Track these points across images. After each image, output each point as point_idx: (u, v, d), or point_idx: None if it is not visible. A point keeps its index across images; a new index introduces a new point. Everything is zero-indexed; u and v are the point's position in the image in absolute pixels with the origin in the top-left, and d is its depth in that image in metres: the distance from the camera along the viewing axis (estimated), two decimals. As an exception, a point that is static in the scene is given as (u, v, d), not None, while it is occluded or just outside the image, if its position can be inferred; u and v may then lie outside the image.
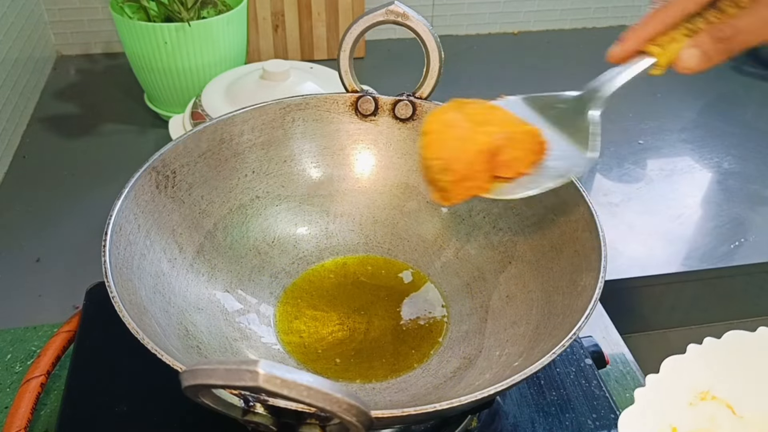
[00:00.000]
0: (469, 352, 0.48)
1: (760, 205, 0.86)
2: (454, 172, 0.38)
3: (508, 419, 0.48)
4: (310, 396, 0.25)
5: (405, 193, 0.58)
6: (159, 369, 0.34)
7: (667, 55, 0.39)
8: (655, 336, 0.85)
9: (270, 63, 0.78)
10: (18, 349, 0.58)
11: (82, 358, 0.51)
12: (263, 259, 0.54)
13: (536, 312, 0.47)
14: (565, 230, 0.48)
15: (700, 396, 0.40)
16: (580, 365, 0.52)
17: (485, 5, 1.23)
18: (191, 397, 0.29)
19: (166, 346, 0.37)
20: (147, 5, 0.86)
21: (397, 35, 1.22)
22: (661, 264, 0.77)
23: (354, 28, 0.52)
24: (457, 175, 0.38)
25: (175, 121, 0.79)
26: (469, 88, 1.08)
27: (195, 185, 0.51)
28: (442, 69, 0.53)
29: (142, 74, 0.91)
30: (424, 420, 0.45)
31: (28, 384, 0.50)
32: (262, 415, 0.33)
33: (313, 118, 0.56)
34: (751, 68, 1.17)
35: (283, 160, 0.56)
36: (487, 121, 0.40)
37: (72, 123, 0.96)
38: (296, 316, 0.51)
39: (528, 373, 0.35)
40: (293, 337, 0.50)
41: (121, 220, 0.44)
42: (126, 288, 0.40)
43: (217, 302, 0.49)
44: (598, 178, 0.90)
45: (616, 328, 0.63)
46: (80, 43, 1.12)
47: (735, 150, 0.97)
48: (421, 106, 0.55)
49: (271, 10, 1.07)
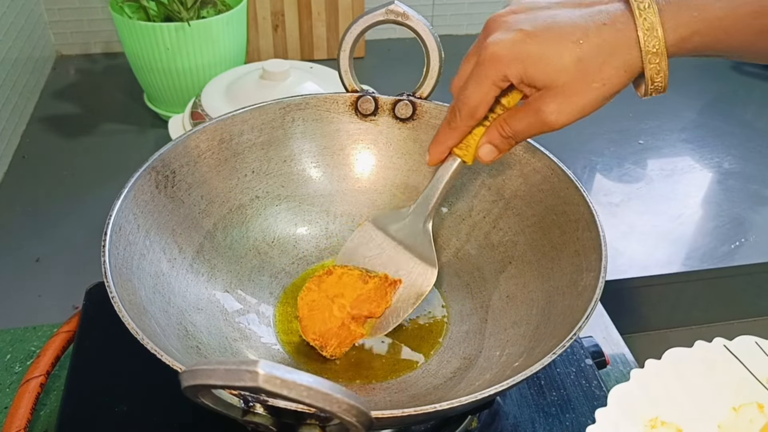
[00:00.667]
0: (470, 353, 0.48)
1: (761, 205, 0.86)
2: (331, 343, 0.48)
3: (508, 419, 0.48)
4: (310, 396, 0.25)
5: (405, 193, 0.58)
6: (158, 369, 0.34)
7: (470, 153, 0.45)
8: (655, 336, 0.85)
9: (270, 63, 0.78)
10: (18, 350, 0.58)
11: (81, 358, 0.51)
12: (263, 259, 0.54)
13: (536, 312, 0.46)
14: (565, 230, 0.48)
15: (650, 424, 0.40)
16: (581, 365, 0.52)
17: (485, 5, 1.23)
18: (191, 398, 0.29)
19: (166, 347, 0.37)
20: (147, 5, 0.86)
21: (397, 35, 1.22)
22: (662, 264, 0.77)
23: (354, 27, 0.52)
24: (333, 342, 0.48)
25: (175, 121, 0.79)
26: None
27: (195, 185, 0.51)
28: (442, 69, 0.53)
29: (142, 74, 0.91)
30: (424, 420, 0.44)
31: (28, 384, 0.50)
32: (262, 415, 0.33)
33: (313, 118, 0.56)
34: (751, 68, 1.17)
35: (283, 160, 0.56)
36: (339, 294, 0.49)
37: (72, 123, 0.96)
38: (296, 316, 0.50)
39: (528, 373, 0.35)
40: (293, 337, 0.50)
41: (121, 220, 0.43)
42: (126, 288, 0.40)
43: (216, 302, 0.49)
44: (598, 178, 0.90)
45: (617, 328, 0.63)
46: (80, 43, 1.12)
47: (735, 150, 0.97)
48: (421, 105, 0.55)
49: (271, 10, 1.07)
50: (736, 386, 0.42)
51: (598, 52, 0.37)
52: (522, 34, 0.37)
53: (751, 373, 0.43)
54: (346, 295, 0.49)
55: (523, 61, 0.37)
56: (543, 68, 0.37)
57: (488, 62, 0.38)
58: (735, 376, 0.43)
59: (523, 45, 0.37)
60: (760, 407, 0.42)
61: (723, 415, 0.42)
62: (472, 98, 0.41)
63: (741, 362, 0.43)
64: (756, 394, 0.42)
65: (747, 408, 0.42)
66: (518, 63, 0.38)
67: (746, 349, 0.43)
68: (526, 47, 0.37)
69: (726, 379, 0.42)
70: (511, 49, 0.38)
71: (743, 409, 0.42)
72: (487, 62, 0.39)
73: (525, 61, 0.37)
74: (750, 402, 0.42)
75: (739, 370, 0.43)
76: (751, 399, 0.42)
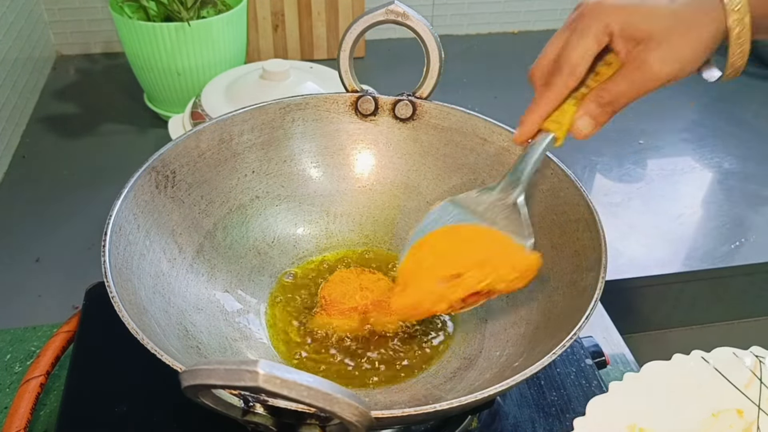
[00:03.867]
0: (470, 353, 0.48)
1: (761, 205, 0.86)
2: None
3: (508, 419, 0.48)
4: (310, 396, 0.25)
5: (405, 193, 0.58)
6: (159, 369, 0.34)
7: (563, 128, 0.43)
8: (655, 336, 0.85)
9: (270, 63, 0.78)
10: (17, 350, 0.58)
11: (81, 358, 0.51)
12: (263, 259, 0.54)
13: (536, 312, 0.46)
14: (565, 230, 0.48)
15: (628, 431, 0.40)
16: (581, 365, 0.52)
17: (485, 5, 1.23)
18: (191, 397, 0.29)
19: (166, 347, 0.37)
20: (147, 5, 0.86)
21: (397, 35, 1.22)
22: (662, 264, 0.77)
23: (354, 27, 0.52)
24: None
25: (175, 121, 0.79)
26: (469, 88, 1.08)
27: (195, 185, 0.51)
28: (442, 69, 0.53)
29: (142, 74, 0.91)
30: (424, 420, 0.44)
31: (28, 384, 0.50)
32: (262, 415, 0.33)
33: (313, 118, 0.56)
34: (751, 68, 1.17)
35: (283, 160, 0.56)
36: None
37: (72, 123, 0.96)
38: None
39: (528, 373, 0.35)
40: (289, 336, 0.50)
41: (121, 220, 0.43)
42: (126, 288, 0.40)
43: (216, 302, 0.49)
44: (598, 178, 0.90)
45: (617, 328, 0.63)
46: (80, 42, 1.12)
47: (735, 150, 0.97)
48: (421, 105, 0.55)
49: (271, 10, 1.07)
50: (715, 394, 0.42)
51: (687, 6, 0.39)
52: None
53: (730, 381, 0.43)
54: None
55: (624, 8, 0.39)
56: (644, 16, 0.39)
57: (591, 13, 0.40)
58: (714, 385, 0.43)
59: None
60: (739, 413, 0.42)
61: (702, 421, 0.42)
62: (574, 54, 0.41)
63: (719, 372, 0.43)
64: (735, 401, 0.42)
65: (726, 414, 0.42)
66: (620, 11, 0.39)
67: (724, 359, 0.44)
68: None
69: (705, 388, 0.43)
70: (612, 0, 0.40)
71: (722, 415, 0.42)
72: (589, 13, 0.40)
73: (626, 8, 0.39)
74: (729, 408, 0.42)
75: (718, 379, 0.43)
76: (730, 406, 0.42)
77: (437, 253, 0.44)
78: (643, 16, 0.39)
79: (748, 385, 0.43)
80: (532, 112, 0.44)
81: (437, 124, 0.55)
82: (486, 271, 0.42)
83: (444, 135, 0.55)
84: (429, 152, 0.56)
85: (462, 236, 0.44)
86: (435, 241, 0.45)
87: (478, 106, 0.55)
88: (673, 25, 0.39)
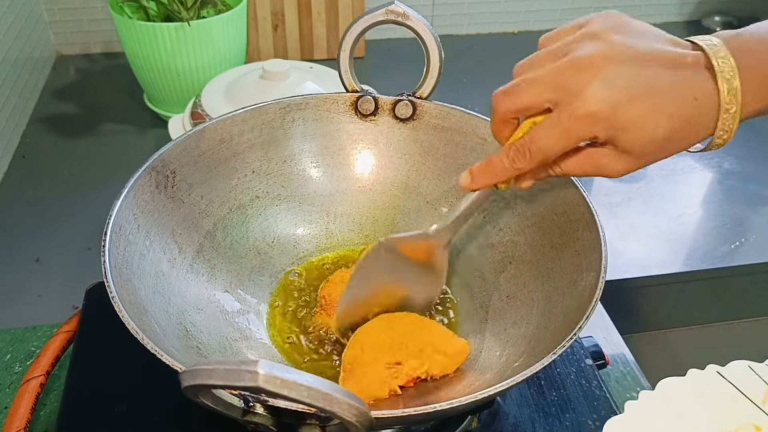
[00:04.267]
0: (470, 353, 0.48)
1: (761, 205, 0.86)
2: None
3: (508, 419, 0.48)
4: (310, 396, 0.25)
5: (405, 193, 0.58)
6: (159, 369, 0.34)
7: (509, 182, 0.42)
8: (656, 336, 0.85)
9: (270, 63, 0.78)
10: (17, 350, 0.58)
11: (81, 358, 0.51)
12: (263, 259, 0.54)
13: (536, 312, 0.46)
14: (565, 230, 0.48)
15: None
16: (581, 365, 0.52)
17: (485, 5, 1.23)
18: (191, 397, 0.29)
19: (166, 347, 0.37)
20: (147, 5, 0.86)
21: (397, 35, 1.22)
22: (662, 264, 0.77)
23: (354, 27, 0.52)
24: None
25: (175, 121, 0.79)
26: (469, 88, 1.08)
27: (195, 185, 0.51)
28: (442, 69, 0.53)
29: (142, 74, 0.91)
30: (424, 420, 0.44)
31: (28, 384, 0.50)
32: (262, 415, 0.33)
33: (313, 118, 0.56)
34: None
35: (283, 160, 0.56)
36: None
37: (72, 123, 0.96)
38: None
39: (528, 373, 0.35)
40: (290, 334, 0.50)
41: (121, 220, 0.43)
42: (126, 288, 0.40)
43: (216, 302, 0.49)
44: (598, 178, 0.90)
45: (617, 329, 0.63)
46: (80, 42, 1.12)
47: (735, 150, 0.97)
48: (421, 105, 0.55)
49: (271, 10, 1.07)
50: (732, 410, 0.42)
51: (684, 129, 0.37)
52: (625, 94, 0.35)
53: (746, 396, 0.42)
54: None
55: (620, 127, 0.36)
56: (635, 138, 0.36)
57: (583, 120, 0.36)
58: (730, 400, 0.43)
59: (624, 111, 0.35)
60: (757, 429, 0.42)
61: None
62: (553, 149, 0.38)
63: (735, 387, 0.43)
64: (752, 417, 0.42)
65: (744, 430, 0.42)
66: (614, 129, 0.36)
67: (740, 373, 0.43)
68: (626, 114, 0.35)
69: (721, 403, 0.42)
70: (613, 112, 0.35)
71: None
72: (582, 120, 0.36)
73: (622, 127, 0.36)
74: (746, 424, 0.42)
75: (734, 394, 0.43)
76: (747, 422, 0.42)
77: (377, 343, 0.45)
78: (633, 138, 0.36)
79: (765, 399, 0.42)
80: (491, 175, 0.41)
81: (437, 124, 0.55)
82: (422, 359, 0.44)
83: (444, 135, 0.55)
84: (429, 152, 0.56)
85: (399, 326, 0.47)
86: (374, 332, 0.47)
87: (478, 106, 0.55)
88: (657, 148, 0.37)
